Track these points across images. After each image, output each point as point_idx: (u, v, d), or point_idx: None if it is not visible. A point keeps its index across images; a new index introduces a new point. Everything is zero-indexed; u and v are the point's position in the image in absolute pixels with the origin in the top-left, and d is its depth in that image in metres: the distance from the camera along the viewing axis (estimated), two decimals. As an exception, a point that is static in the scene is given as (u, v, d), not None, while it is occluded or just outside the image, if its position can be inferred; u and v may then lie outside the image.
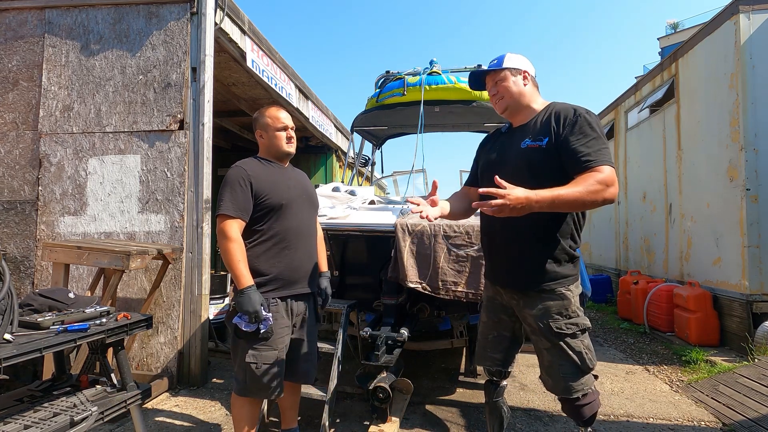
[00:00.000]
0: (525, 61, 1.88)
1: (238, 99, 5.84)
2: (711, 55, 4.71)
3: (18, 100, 3.74)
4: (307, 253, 2.16)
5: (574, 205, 1.57)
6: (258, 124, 2.18)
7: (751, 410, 2.83)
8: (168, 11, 3.63)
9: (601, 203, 1.58)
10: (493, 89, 1.88)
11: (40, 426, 1.75)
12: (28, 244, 3.62)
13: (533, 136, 1.74)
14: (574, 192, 1.53)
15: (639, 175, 6.64)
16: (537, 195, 1.48)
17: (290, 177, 2.18)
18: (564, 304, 1.74)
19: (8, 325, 1.79)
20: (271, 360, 1.96)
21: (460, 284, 2.57)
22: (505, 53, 1.90)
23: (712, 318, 4.43)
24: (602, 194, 1.54)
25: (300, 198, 2.14)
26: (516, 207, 1.46)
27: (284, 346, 2.03)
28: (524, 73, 1.85)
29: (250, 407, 2.04)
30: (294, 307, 2.09)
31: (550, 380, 1.81)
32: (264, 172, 2.08)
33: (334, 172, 8.69)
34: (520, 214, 1.50)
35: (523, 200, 1.46)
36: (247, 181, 1.99)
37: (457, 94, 3.96)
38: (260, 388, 1.97)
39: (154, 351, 3.43)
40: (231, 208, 1.95)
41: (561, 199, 1.51)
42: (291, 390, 2.24)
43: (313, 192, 2.31)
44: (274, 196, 2.03)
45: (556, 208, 1.55)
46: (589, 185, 1.54)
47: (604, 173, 1.55)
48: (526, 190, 1.48)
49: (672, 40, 21.61)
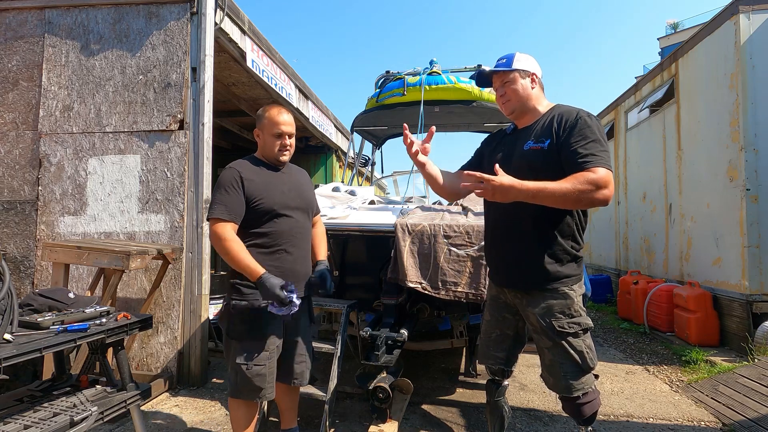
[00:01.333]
0: (534, 62, 1.87)
1: (238, 99, 5.84)
2: (711, 55, 4.71)
3: (18, 100, 3.74)
4: (301, 257, 2.12)
5: (558, 200, 1.58)
6: (258, 122, 2.13)
7: (751, 410, 2.83)
8: (168, 11, 3.63)
9: (588, 203, 1.59)
10: (501, 90, 1.88)
11: (40, 426, 1.75)
12: (28, 244, 3.62)
13: (536, 138, 1.76)
14: (561, 187, 1.55)
15: (639, 175, 6.64)
16: (522, 184, 1.54)
17: (285, 180, 2.11)
18: (567, 303, 1.75)
19: (8, 325, 1.79)
20: (261, 361, 1.94)
21: (460, 284, 2.57)
22: (514, 52, 1.87)
23: (712, 318, 4.43)
24: (591, 194, 1.55)
25: (294, 202, 2.09)
26: (498, 190, 1.53)
27: (275, 348, 2.01)
28: (533, 76, 1.85)
29: (246, 408, 2.03)
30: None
31: (551, 379, 1.81)
32: (257, 174, 2.03)
33: (334, 172, 8.69)
34: (504, 200, 1.57)
35: (507, 185, 1.53)
36: (239, 183, 1.95)
37: (457, 94, 3.96)
38: (251, 390, 1.95)
39: (154, 351, 3.43)
40: (224, 212, 1.91)
41: (545, 192, 1.54)
42: (287, 391, 2.23)
43: (309, 194, 2.24)
44: (266, 200, 1.99)
45: (540, 201, 1.58)
46: (578, 183, 1.55)
47: (597, 174, 1.56)
48: (513, 178, 1.54)
49: (672, 40, 21.64)
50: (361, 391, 2.99)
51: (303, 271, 2.14)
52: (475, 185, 1.57)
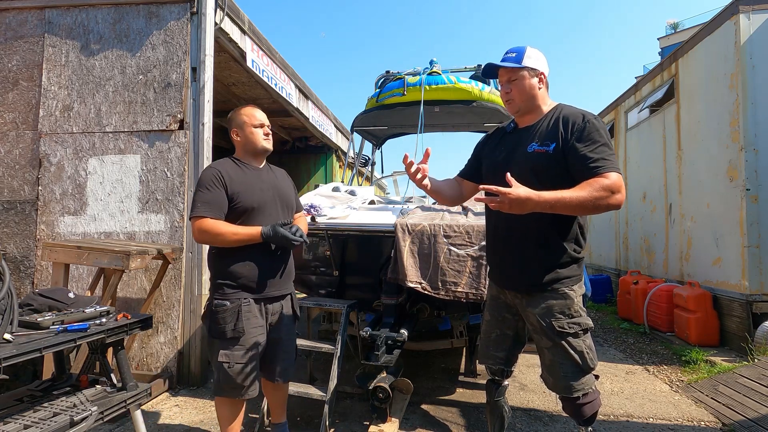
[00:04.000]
0: (543, 60, 1.82)
1: (238, 99, 5.84)
2: (711, 55, 4.71)
3: (18, 99, 3.74)
4: (281, 255, 2.13)
5: (576, 209, 1.56)
6: (233, 123, 2.15)
7: (751, 410, 2.83)
8: (168, 11, 3.63)
9: (605, 209, 1.58)
10: (507, 86, 1.81)
11: (40, 426, 1.75)
12: (28, 244, 3.62)
13: (540, 141, 1.73)
14: (578, 196, 1.53)
15: (639, 175, 6.64)
16: (539, 195, 1.49)
17: (264, 179, 2.14)
18: (567, 303, 1.74)
19: (8, 325, 1.79)
20: (243, 359, 1.97)
21: (459, 284, 2.56)
22: (525, 46, 1.80)
23: (712, 318, 4.43)
24: (607, 200, 1.54)
25: (272, 200, 2.12)
26: (515, 203, 1.48)
27: (257, 345, 2.02)
28: (541, 75, 1.80)
29: (230, 406, 2.05)
30: (269, 308, 2.09)
31: (551, 379, 1.81)
32: (237, 173, 2.06)
33: (334, 172, 8.69)
34: (521, 212, 1.51)
35: (524, 198, 1.48)
36: (220, 181, 1.99)
37: (457, 94, 3.96)
38: (233, 387, 1.97)
39: (154, 351, 3.43)
40: (206, 210, 1.94)
41: (563, 202, 1.52)
42: (273, 387, 2.25)
43: (289, 193, 2.26)
44: (245, 199, 2.02)
45: (558, 210, 1.55)
46: (594, 190, 1.53)
47: (610, 179, 1.55)
48: (529, 189, 1.50)
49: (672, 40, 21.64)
50: (361, 391, 2.99)
51: (284, 268, 2.15)
52: (490, 198, 1.52)
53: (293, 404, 2.73)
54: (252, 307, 2.01)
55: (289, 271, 2.19)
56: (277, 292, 2.11)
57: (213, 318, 1.99)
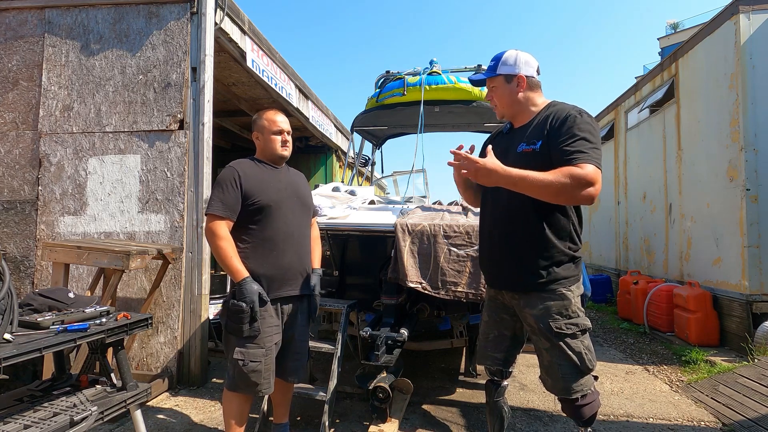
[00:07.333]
0: (523, 61, 1.82)
1: (238, 99, 5.84)
2: (711, 55, 4.71)
3: (18, 99, 3.74)
4: (297, 255, 2.17)
5: (539, 191, 1.58)
6: (255, 126, 2.22)
7: (751, 410, 2.84)
8: (168, 11, 3.63)
9: (571, 199, 1.60)
10: (489, 94, 1.92)
11: (40, 426, 1.75)
12: (28, 244, 3.62)
13: (528, 140, 1.76)
14: (543, 177, 1.55)
15: (639, 175, 6.64)
16: (504, 169, 1.58)
17: (281, 179, 2.19)
18: (564, 304, 1.74)
19: (8, 325, 1.79)
20: (258, 358, 2.00)
21: (460, 284, 2.57)
22: (503, 52, 1.84)
23: (711, 318, 4.43)
24: (575, 190, 1.54)
25: (290, 200, 2.16)
26: (481, 172, 1.58)
27: (272, 345, 2.06)
28: (518, 79, 1.80)
29: (239, 402, 2.08)
30: (284, 308, 2.13)
31: (550, 380, 1.81)
32: (256, 173, 2.12)
33: (334, 172, 8.69)
34: (488, 184, 1.62)
35: (490, 168, 1.57)
36: (237, 181, 2.04)
37: (457, 94, 3.96)
38: (247, 384, 2.01)
39: (154, 351, 3.43)
40: (220, 208, 2.00)
41: (527, 181, 1.56)
42: (281, 387, 2.27)
43: (307, 194, 2.31)
44: (263, 198, 2.06)
45: (520, 188, 1.60)
46: (561, 176, 1.54)
47: (583, 170, 1.55)
48: (499, 162, 1.59)
49: (672, 40, 21.62)
50: (361, 391, 2.99)
51: (300, 268, 2.19)
52: (459, 163, 1.62)
53: (293, 404, 2.72)
54: (268, 306, 2.03)
55: (306, 272, 2.22)
56: (293, 292, 2.15)
57: (230, 316, 2.02)
